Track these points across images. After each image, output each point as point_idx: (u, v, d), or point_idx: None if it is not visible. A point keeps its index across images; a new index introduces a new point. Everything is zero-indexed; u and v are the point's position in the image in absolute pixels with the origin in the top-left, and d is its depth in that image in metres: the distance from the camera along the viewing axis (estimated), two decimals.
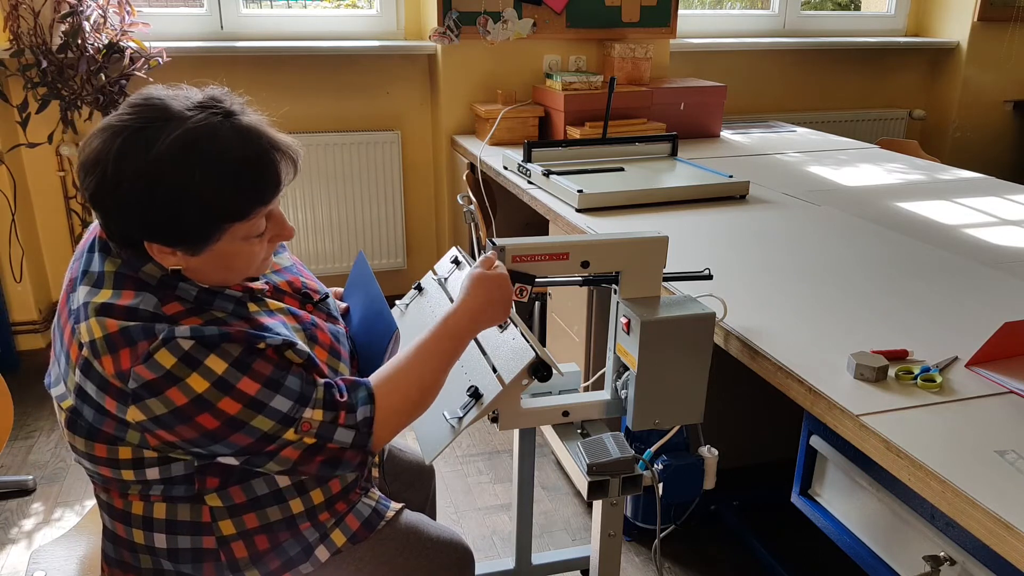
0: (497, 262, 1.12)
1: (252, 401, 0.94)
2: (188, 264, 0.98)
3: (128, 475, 1.01)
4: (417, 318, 1.40)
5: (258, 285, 1.09)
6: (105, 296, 0.95)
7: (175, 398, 0.91)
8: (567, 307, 2.08)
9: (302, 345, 1.01)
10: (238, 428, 0.94)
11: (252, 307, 1.04)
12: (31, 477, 2.17)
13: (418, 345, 1.06)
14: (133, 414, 0.93)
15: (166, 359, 0.91)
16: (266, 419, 0.94)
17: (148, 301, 0.95)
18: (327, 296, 1.20)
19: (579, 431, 1.29)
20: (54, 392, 1.02)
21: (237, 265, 1.00)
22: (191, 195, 0.91)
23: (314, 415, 0.97)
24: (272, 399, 0.95)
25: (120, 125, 0.92)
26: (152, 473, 1.00)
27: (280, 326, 1.03)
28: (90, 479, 1.07)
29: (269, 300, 1.08)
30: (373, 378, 1.04)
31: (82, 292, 0.97)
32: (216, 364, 0.92)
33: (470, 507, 2.12)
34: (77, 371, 0.96)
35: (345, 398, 1.00)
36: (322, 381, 1.00)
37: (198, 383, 0.92)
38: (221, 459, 0.99)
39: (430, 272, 1.45)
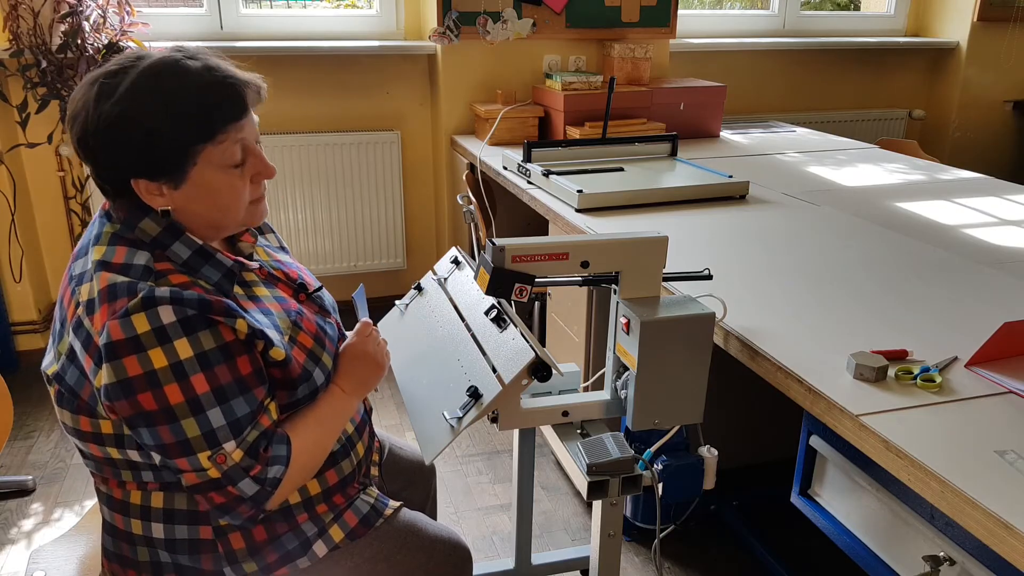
0: (371, 330, 1.19)
1: (194, 400, 0.95)
2: (175, 203, 1.01)
3: (114, 453, 1.02)
4: (417, 318, 1.40)
5: (252, 263, 1.10)
6: (100, 252, 0.99)
7: (130, 367, 0.93)
8: (567, 307, 2.08)
9: (280, 343, 1.03)
10: (169, 421, 0.95)
11: (237, 289, 1.06)
12: (31, 477, 2.17)
13: (325, 415, 1.10)
14: (98, 378, 0.95)
15: (141, 323, 0.93)
16: (195, 425, 0.95)
17: (141, 257, 0.99)
18: (321, 288, 1.22)
19: (579, 431, 1.29)
20: (44, 363, 1.04)
21: (222, 201, 1.01)
22: (158, 118, 0.95)
23: (234, 453, 0.98)
24: (211, 408, 0.96)
25: (97, 74, 0.98)
26: (134, 454, 1.01)
27: (258, 313, 1.05)
28: (91, 474, 1.08)
29: (258, 286, 1.10)
30: (292, 434, 1.05)
31: (90, 254, 1.01)
32: (184, 348, 0.94)
33: (470, 507, 2.12)
34: (70, 330, 0.99)
35: (268, 453, 1.01)
36: (262, 428, 1.00)
37: (158, 358, 0.93)
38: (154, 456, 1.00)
39: (430, 272, 1.45)
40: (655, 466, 1.26)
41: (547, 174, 2.10)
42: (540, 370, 1.09)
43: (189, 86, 0.97)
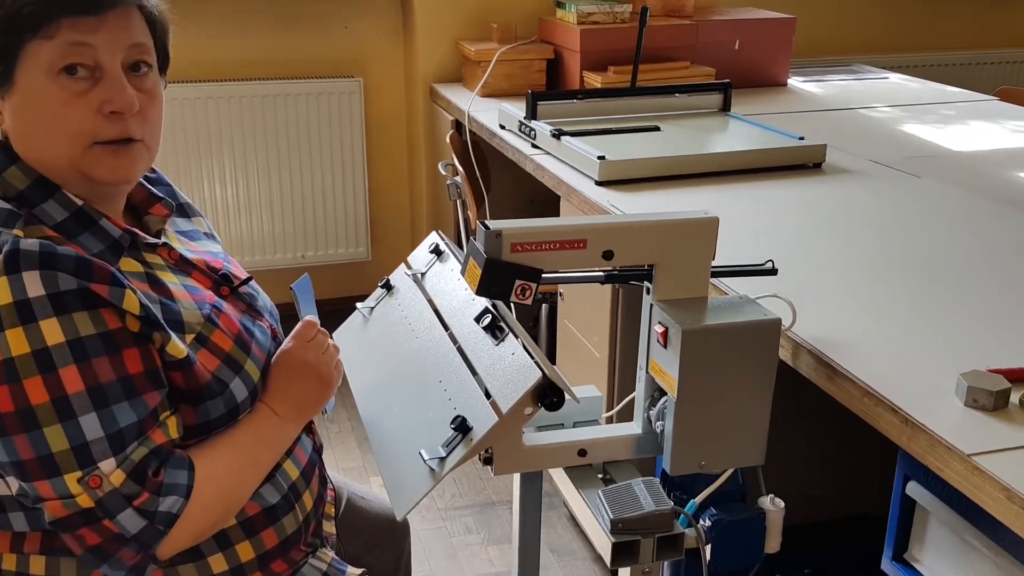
0: (316, 332, 1.19)
1: (62, 400, 0.95)
2: (7, 122, 1.03)
3: None
4: (385, 326, 1.40)
5: (153, 238, 1.11)
6: None
7: None
8: (584, 311, 2.09)
9: (176, 340, 1.03)
10: (28, 428, 0.95)
11: (128, 264, 1.06)
12: None
13: (248, 441, 1.10)
14: None
15: (3, 292, 0.94)
16: (63, 435, 0.95)
17: (3, 204, 1.01)
18: (250, 280, 1.23)
19: (600, 476, 1.29)
20: None
21: (43, 119, 1.02)
22: None
23: (112, 475, 0.97)
24: (86, 413, 0.96)
25: None
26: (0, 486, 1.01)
27: (150, 296, 1.05)
28: None
29: (163, 270, 1.10)
30: (197, 459, 1.05)
31: None
32: (52, 331, 0.95)
33: (456, 575, 2.13)
34: None
35: (160, 478, 1.00)
36: (153, 444, 1.00)
37: (17, 342, 0.94)
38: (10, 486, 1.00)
39: (402, 265, 1.46)
40: (701, 522, 1.26)
41: (558, 135, 2.10)
42: (549, 395, 1.09)
43: None
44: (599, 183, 1.92)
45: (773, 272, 1.28)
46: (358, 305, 1.47)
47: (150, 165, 1.12)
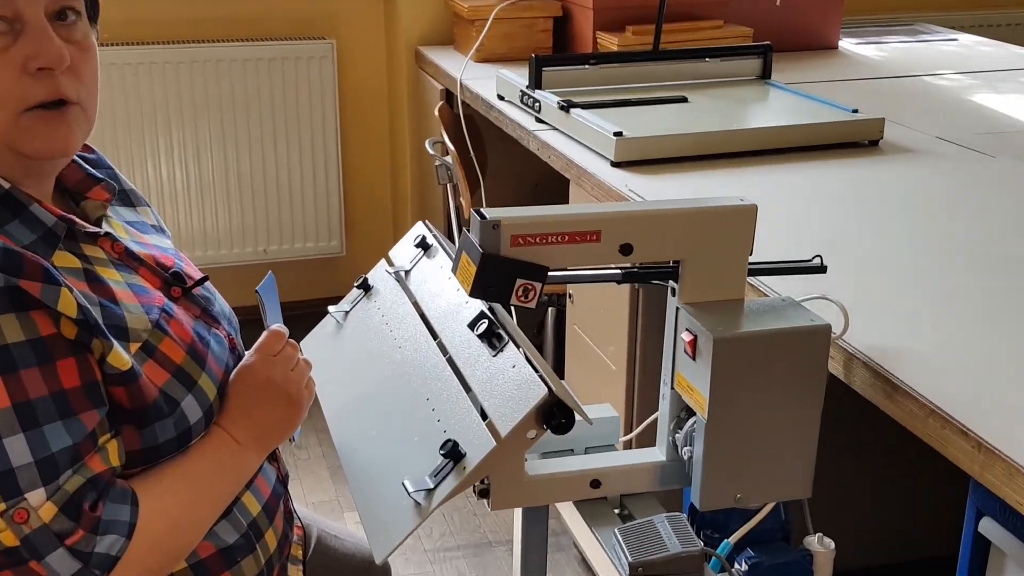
0: (284, 344, 1.19)
1: None
2: None
3: None
4: (363, 334, 1.40)
5: (93, 227, 1.11)
6: None
7: None
8: (598, 316, 2.09)
9: (120, 349, 1.02)
10: None
11: (68, 261, 1.06)
12: None
13: (202, 471, 1.10)
14: None
15: None
16: None
17: None
18: (206, 280, 1.22)
19: (617, 511, 1.29)
20: None
21: None
22: None
23: (42, 509, 0.97)
24: (12, 434, 0.95)
25: None
26: None
27: (89, 297, 1.04)
28: None
29: (105, 266, 1.10)
30: (142, 491, 1.05)
31: None
32: None
33: None
34: None
35: (98, 513, 1.00)
36: (91, 473, 1.00)
37: None
38: None
39: (382, 262, 1.46)
40: (737, 566, 1.26)
41: (567, 108, 2.10)
42: (556, 415, 1.09)
43: None
44: (615, 164, 1.92)
45: (822, 270, 1.28)
46: (330, 308, 1.47)
47: (88, 134, 1.11)
